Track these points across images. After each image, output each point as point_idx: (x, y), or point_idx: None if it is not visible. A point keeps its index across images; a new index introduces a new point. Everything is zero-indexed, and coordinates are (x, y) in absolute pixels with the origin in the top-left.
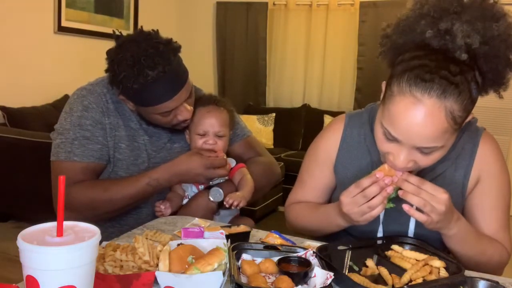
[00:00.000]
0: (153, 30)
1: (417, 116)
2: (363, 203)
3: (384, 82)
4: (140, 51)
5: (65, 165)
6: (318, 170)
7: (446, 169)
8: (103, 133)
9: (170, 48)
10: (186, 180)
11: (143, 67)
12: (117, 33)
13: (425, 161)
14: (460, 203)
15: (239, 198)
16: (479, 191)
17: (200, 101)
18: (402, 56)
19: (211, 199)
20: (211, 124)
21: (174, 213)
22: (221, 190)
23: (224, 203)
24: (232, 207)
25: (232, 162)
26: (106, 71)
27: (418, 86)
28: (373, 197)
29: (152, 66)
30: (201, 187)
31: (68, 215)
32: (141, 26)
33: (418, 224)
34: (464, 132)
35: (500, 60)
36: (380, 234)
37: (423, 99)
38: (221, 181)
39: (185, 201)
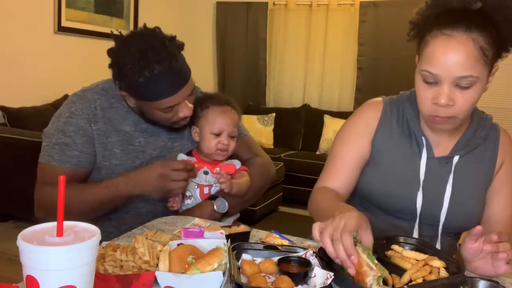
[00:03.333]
0: (157, 27)
1: (450, 47)
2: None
3: (417, 55)
4: (146, 45)
5: (45, 168)
6: (354, 141)
7: (477, 147)
8: (84, 140)
9: (175, 44)
10: (145, 188)
11: (149, 61)
12: (115, 32)
13: (463, 100)
14: (488, 181)
15: (229, 183)
16: (501, 177)
17: (213, 100)
18: (429, 19)
19: (216, 209)
20: (227, 123)
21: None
22: (226, 202)
23: (213, 173)
24: (220, 186)
25: (237, 164)
26: (110, 66)
27: (447, 27)
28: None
29: (159, 59)
30: (206, 190)
31: (38, 213)
32: (145, 23)
33: (454, 188)
34: (487, 121)
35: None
36: (419, 199)
37: (453, 34)
38: (219, 187)
39: (187, 201)
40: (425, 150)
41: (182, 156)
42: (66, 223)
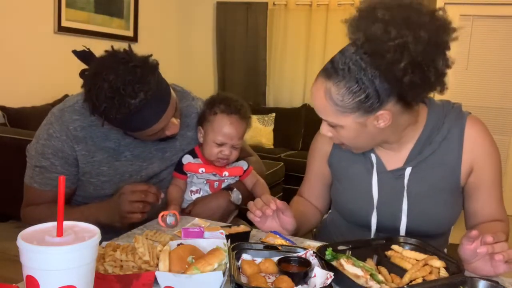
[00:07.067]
0: (125, 49)
1: (312, 91)
2: None
3: None
4: (118, 80)
5: (28, 189)
6: (314, 162)
7: (434, 152)
8: (63, 161)
9: (148, 69)
10: (109, 211)
11: (123, 97)
12: (82, 49)
13: (338, 136)
14: (454, 181)
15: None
16: (478, 173)
17: (223, 106)
18: None
19: (232, 200)
20: (231, 137)
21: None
22: (240, 195)
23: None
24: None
25: (244, 165)
26: (85, 100)
27: (320, 72)
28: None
29: (133, 94)
30: (216, 184)
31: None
32: (112, 46)
33: (410, 199)
34: (446, 116)
35: (386, 57)
36: (374, 217)
37: (317, 80)
38: (234, 181)
39: (194, 196)
40: (375, 166)
41: (188, 158)
42: (66, 223)
